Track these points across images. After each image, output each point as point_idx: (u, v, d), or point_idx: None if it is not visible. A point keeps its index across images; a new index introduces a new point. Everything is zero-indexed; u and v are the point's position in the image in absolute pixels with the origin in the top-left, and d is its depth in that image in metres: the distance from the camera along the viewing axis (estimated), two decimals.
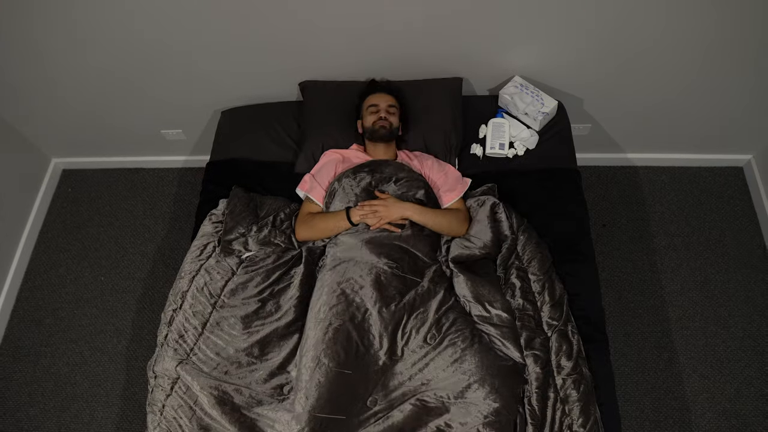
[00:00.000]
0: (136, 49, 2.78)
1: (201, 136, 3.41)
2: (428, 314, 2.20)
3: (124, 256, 3.41)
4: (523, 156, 2.76)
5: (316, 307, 2.20)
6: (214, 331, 2.26)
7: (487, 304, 2.26)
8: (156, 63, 2.86)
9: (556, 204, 2.61)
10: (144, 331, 3.17)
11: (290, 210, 2.59)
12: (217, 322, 2.27)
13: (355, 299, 2.19)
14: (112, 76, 2.96)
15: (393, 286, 2.24)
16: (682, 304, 3.10)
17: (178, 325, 2.29)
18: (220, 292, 2.34)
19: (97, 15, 2.60)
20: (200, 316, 2.29)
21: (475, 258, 2.40)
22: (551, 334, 2.26)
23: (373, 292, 2.20)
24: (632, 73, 2.84)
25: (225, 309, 2.30)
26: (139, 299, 3.27)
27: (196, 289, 2.35)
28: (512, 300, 2.33)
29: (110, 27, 2.66)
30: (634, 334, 3.02)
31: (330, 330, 2.13)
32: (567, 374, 2.18)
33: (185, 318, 2.30)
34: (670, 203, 3.39)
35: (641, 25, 2.58)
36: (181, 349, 2.25)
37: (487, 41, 2.70)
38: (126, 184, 3.66)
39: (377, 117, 2.61)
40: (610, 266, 3.20)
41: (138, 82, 2.99)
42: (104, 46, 2.77)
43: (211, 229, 2.54)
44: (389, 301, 2.20)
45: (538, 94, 2.77)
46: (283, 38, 2.70)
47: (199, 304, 2.32)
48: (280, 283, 2.36)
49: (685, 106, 3.04)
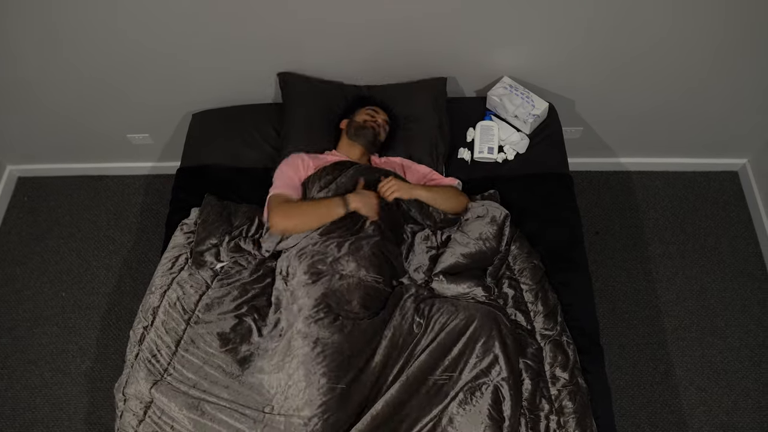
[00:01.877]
0: (99, 46, 2.77)
1: (170, 141, 3.41)
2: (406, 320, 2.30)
3: (87, 270, 3.39)
4: (513, 160, 2.81)
5: (299, 322, 2.24)
6: (189, 348, 2.26)
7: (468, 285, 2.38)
8: (121, 61, 2.85)
9: (548, 211, 2.65)
10: (110, 350, 3.16)
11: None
12: (192, 339, 2.28)
13: (340, 312, 2.26)
14: (72, 76, 2.94)
15: (378, 298, 2.33)
16: (678, 314, 3.16)
17: (150, 343, 2.29)
18: (194, 308, 2.35)
19: (54, 8, 2.58)
20: (174, 333, 2.30)
21: (468, 267, 2.46)
22: (545, 344, 2.32)
23: (359, 304, 2.27)
24: (629, 75, 2.89)
25: (200, 325, 2.30)
26: (103, 316, 3.25)
27: (169, 305, 2.35)
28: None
29: (70, 22, 2.64)
30: (629, 346, 3.08)
31: (319, 345, 2.18)
32: (563, 385, 2.23)
33: (157, 335, 2.29)
34: (665, 209, 3.46)
35: (641, 27, 2.63)
36: (155, 368, 2.24)
37: (474, 39, 2.74)
38: (88, 192, 3.64)
39: (371, 119, 2.68)
40: (603, 275, 3.26)
41: (101, 81, 2.98)
42: (64, 43, 2.75)
43: (183, 240, 2.54)
44: (373, 313, 2.29)
45: (528, 96, 2.82)
46: (259, 34, 2.71)
47: (172, 321, 2.31)
48: (259, 298, 2.40)
49: (682, 109, 3.11)
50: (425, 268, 2.49)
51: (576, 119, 3.21)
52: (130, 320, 3.14)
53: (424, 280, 2.46)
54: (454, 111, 2.90)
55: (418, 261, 2.52)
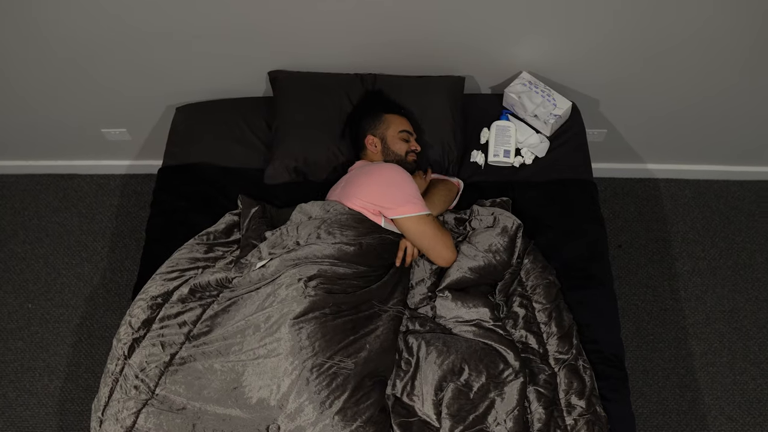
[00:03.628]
0: (71, 23, 2.73)
1: (150, 137, 3.40)
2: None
3: (57, 279, 3.38)
4: (531, 165, 2.81)
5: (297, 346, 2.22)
6: (186, 365, 2.26)
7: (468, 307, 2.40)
8: (96, 42, 2.82)
9: (568, 221, 2.66)
10: (81, 368, 3.15)
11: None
12: (191, 356, 2.28)
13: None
14: (39, 59, 2.91)
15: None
16: (708, 337, 3.16)
17: (140, 358, 2.28)
18: (195, 321, 2.35)
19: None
20: (170, 348, 2.29)
21: (476, 282, 2.45)
22: (559, 369, 2.32)
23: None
24: (660, 72, 2.89)
25: (199, 340, 2.30)
26: (74, 330, 3.24)
27: (166, 315, 2.35)
28: (514, 331, 2.40)
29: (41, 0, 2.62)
30: (653, 371, 3.08)
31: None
32: (579, 414, 2.23)
33: (150, 351, 2.28)
34: (695, 221, 3.46)
35: (674, 17, 2.61)
36: (144, 386, 2.24)
37: (489, 29, 2.73)
38: (58, 193, 3.62)
39: (410, 147, 2.66)
40: (626, 293, 3.26)
41: (73, 69, 2.96)
42: (31, 24, 2.73)
43: (199, 253, 2.52)
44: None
45: (549, 94, 2.81)
46: (251, 19, 2.70)
47: (168, 334, 2.31)
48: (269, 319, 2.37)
49: (716, 111, 3.11)
50: (429, 283, 2.50)
51: (600, 120, 3.21)
52: (104, 335, 3.18)
53: (427, 295, 2.47)
54: (466, 109, 2.90)
55: (420, 274, 2.52)
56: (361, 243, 2.36)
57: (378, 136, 2.65)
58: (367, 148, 2.66)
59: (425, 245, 2.41)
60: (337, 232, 2.36)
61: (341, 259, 2.33)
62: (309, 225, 2.40)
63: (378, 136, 2.65)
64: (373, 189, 2.43)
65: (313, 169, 2.78)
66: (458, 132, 2.81)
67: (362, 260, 2.36)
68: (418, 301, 2.48)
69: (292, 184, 2.79)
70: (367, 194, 2.42)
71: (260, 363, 2.19)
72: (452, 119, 2.81)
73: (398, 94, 2.84)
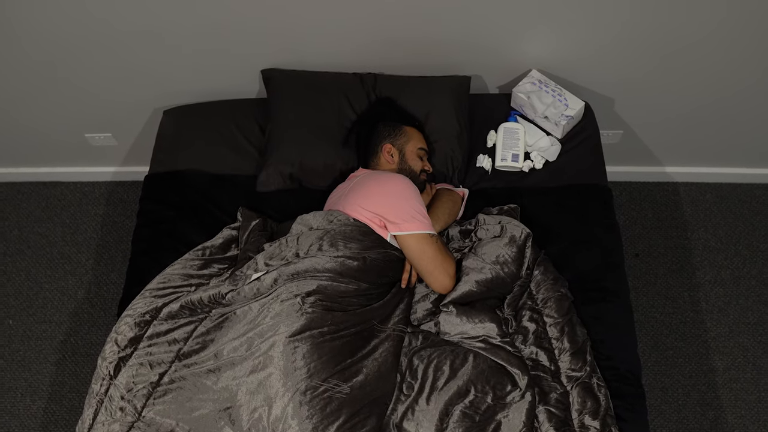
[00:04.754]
0: (49, 28, 2.74)
1: (136, 142, 3.40)
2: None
3: (39, 294, 3.38)
4: (542, 169, 2.80)
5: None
6: (175, 384, 2.25)
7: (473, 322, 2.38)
8: (79, 45, 2.83)
9: (581, 229, 2.65)
10: (65, 388, 3.15)
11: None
12: (181, 377, 2.27)
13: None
14: (16, 63, 2.92)
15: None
16: (731, 351, 3.16)
17: (127, 378, 2.27)
18: (186, 338, 2.33)
19: None
20: (158, 367, 2.28)
21: (483, 296, 2.44)
22: (572, 387, 2.30)
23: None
24: (679, 69, 2.88)
25: (190, 359, 2.29)
26: (58, 348, 3.24)
27: (155, 333, 2.34)
28: (523, 347, 2.38)
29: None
30: (672, 388, 3.07)
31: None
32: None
33: (137, 370, 2.27)
34: (717, 228, 3.46)
35: (694, 8, 2.60)
36: (130, 407, 2.23)
37: (497, 26, 2.72)
38: (39, 201, 3.63)
39: (423, 167, 2.66)
40: (643, 305, 3.26)
41: (55, 70, 2.95)
42: (4, 23, 2.72)
43: (193, 269, 2.51)
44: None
45: (560, 93, 2.81)
46: (242, 14, 2.69)
47: (157, 352, 2.30)
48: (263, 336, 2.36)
49: (740, 109, 3.10)
50: (433, 297, 2.49)
51: (615, 121, 3.21)
52: (89, 353, 3.18)
53: (431, 310, 2.46)
54: (472, 110, 2.89)
55: (423, 288, 2.51)
56: (365, 257, 2.34)
57: (397, 147, 2.65)
58: (383, 157, 2.64)
59: (423, 267, 2.40)
60: (341, 245, 2.34)
61: (343, 275, 2.31)
62: (310, 236, 2.38)
63: (397, 147, 2.65)
64: (380, 199, 2.42)
65: (310, 176, 2.78)
66: (464, 135, 2.80)
67: (365, 276, 2.34)
68: (421, 316, 2.47)
69: (286, 192, 2.78)
70: (372, 204, 2.41)
71: (253, 382, 2.18)
72: (457, 121, 2.80)
73: (400, 96, 2.84)
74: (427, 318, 2.46)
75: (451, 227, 2.63)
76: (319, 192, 2.75)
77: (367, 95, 2.85)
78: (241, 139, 2.90)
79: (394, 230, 2.38)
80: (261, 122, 2.92)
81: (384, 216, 2.39)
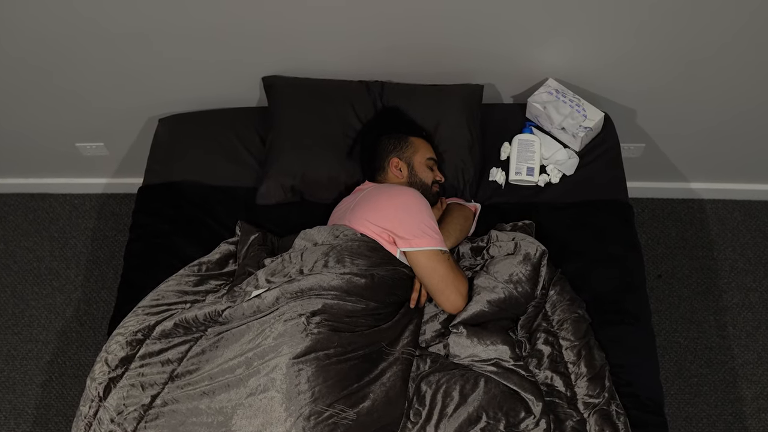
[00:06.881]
0: (38, 31, 2.75)
1: (129, 152, 3.42)
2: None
3: (25, 311, 3.39)
4: (558, 184, 2.81)
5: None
6: (167, 407, 2.25)
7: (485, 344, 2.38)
8: (70, 49, 2.84)
9: (599, 248, 2.64)
10: (51, 411, 3.15)
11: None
12: (174, 399, 2.27)
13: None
14: (4, 65, 2.93)
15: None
16: (760, 379, 3.15)
17: (117, 400, 2.27)
18: (180, 358, 2.34)
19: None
20: (150, 389, 2.28)
21: (496, 317, 2.44)
22: (589, 415, 2.30)
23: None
24: (704, 78, 2.88)
25: (184, 379, 2.29)
26: (44, 368, 3.25)
27: (147, 353, 2.34)
28: (538, 371, 2.38)
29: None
30: (696, 418, 3.07)
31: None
32: None
33: (128, 392, 2.28)
34: (745, 248, 3.45)
35: (720, 12, 2.59)
36: (120, 430, 2.23)
37: (511, 32, 2.74)
38: (27, 214, 3.65)
39: (435, 177, 2.67)
40: (666, 329, 3.25)
41: (44, 74, 2.97)
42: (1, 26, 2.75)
43: (188, 285, 2.51)
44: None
45: (578, 104, 2.81)
46: (242, 18, 2.70)
47: (150, 373, 2.30)
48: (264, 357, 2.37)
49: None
50: (442, 318, 2.49)
51: (637, 133, 3.21)
52: (77, 374, 3.18)
53: (440, 331, 2.46)
54: (485, 121, 2.90)
55: (433, 308, 2.51)
56: (373, 275, 2.35)
57: (404, 160, 2.65)
58: (390, 172, 2.65)
59: (433, 285, 2.40)
60: (348, 261, 2.35)
61: (349, 293, 2.31)
62: (315, 251, 2.39)
63: (404, 160, 2.65)
64: (389, 213, 2.43)
65: (313, 189, 2.79)
66: (476, 147, 2.81)
67: (373, 295, 2.34)
68: (429, 338, 2.47)
69: (288, 206, 2.79)
70: (381, 218, 2.42)
71: (251, 405, 2.18)
72: (469, 132, 2.81)
73: (409, 105, 2.85)
74: (436, 339, 2.46)
75: (462, 244, 2.63)
76: (323, 206, 2.76)
77: (373, 104, 2.86)
78: (240, 149, 2.90)
79: (404, 246, 2.38)
80: (261, 132, 2.93)
81: (393, 231, 2.39)
